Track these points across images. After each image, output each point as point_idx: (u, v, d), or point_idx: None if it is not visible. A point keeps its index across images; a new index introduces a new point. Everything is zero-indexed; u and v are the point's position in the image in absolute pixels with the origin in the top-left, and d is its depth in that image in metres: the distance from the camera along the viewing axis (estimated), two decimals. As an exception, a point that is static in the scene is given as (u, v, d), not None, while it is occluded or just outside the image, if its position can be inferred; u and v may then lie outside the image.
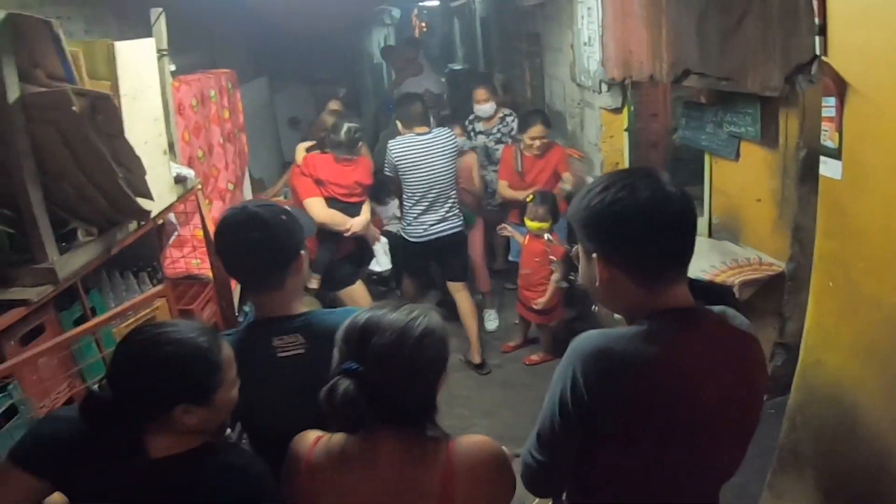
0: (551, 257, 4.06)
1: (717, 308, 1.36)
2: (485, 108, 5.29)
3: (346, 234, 4.16)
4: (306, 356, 1.69)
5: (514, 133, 5.35)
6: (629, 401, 1.24)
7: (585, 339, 1.29)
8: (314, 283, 4.27)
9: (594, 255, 1.29)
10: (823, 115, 1.64)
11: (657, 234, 1.23)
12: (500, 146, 5.37)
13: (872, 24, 1.46)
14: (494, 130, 5.49)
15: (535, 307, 4.19)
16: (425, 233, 4.30)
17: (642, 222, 1.22)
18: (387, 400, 1.28)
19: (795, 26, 2.71)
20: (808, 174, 3.20)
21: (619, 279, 1.28)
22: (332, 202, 4.16)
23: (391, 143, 4.25)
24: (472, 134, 5.58)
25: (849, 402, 1.80)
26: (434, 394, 1.35)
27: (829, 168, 1.67)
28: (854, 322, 1.74)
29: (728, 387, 1.28)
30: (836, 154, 1.62)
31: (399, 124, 4.35)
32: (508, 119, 5.48)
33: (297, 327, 1.73)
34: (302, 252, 1.80)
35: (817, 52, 1.62)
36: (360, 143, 4.17)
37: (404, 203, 4.37)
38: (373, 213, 4.67)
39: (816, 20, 1.58)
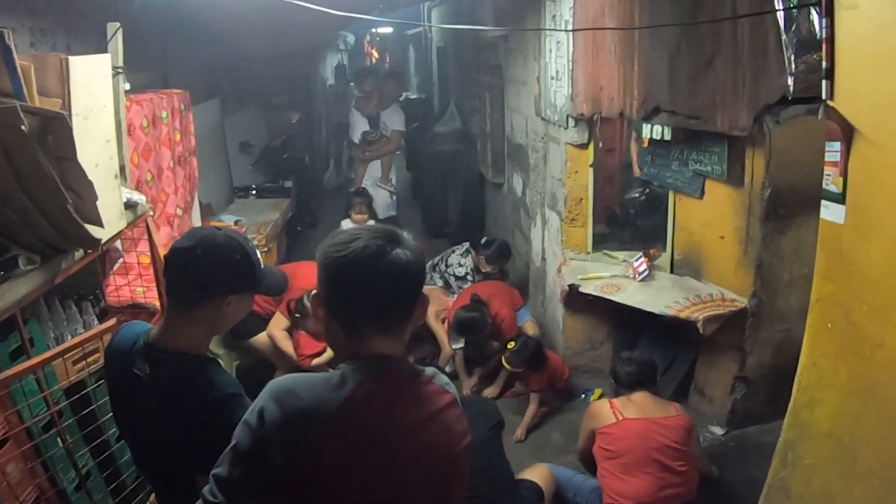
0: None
1: (427, 368, 1.44)
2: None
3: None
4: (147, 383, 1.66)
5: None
6: (307, 445, 1.27)
7: (280, 380, 1.36)
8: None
9: (313, 291, 1.42)
10: (826, 159, 1.62)
11: (358, 292, 1.34)
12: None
13: (886, 71, 1.45)
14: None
15: None
16: None
17: (350, 278, 1.33)
18: None
19: (764, 67, 2.75)
20: (772, 213, 3.25)
21: (329, 320, 1.39)
22: None
23: None
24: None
25: (846, 440, 1.79)
26: None
27: (830, 212, 1.66)
28: (853, 362, 1.74)
29: (416, 435, 1.33)
30: (839, 199, 1.61)
31: None
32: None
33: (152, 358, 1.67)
34: (228, 297, 1.70)
35: (823, 96, 1.61)
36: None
37: None
38: None
39: (824, 64, 1.57)
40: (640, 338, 4.30)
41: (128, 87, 2.92)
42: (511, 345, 4.05)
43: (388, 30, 16.35)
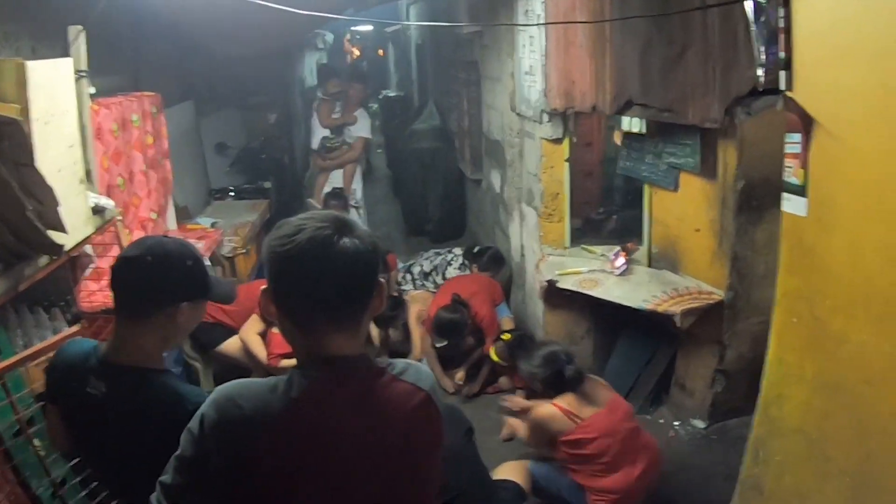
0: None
1: (399, 362, 1.36)
2: None
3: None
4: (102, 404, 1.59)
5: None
6: (244, 453, 1.22)
7: (225, 386, 1.29)
8: None
9: (263, 287, 1.32)
10: (786, 151, 1.61)
11: (306, 285, 1.25)
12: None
13: (844, 62, 1.44)
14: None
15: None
16: None
17: (297, 272, 1.25)
18: None
19: (735, 59, 2.75)
20: (745, 205, 3.26)
21: (281, 317, 1.31)
22: None
23: None
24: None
25: (816, 436, 1.77)
26: None
27: (792, 205, 1.64)
28: (819, 357, 1.72)
29: (375, 441, 1.26)
30: (800, 191, 1.60)
31: None
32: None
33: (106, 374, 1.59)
34: (181, 305, 1.63)
35: (781, 87, 1.60)
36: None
37: None
38: None
39: (782, 54, 1.56)
40: (620, 332, 4.31)
41: (93, 90, 2.87)
42: (506, 336, 4.02)
43: (369, 28, 16.27)
